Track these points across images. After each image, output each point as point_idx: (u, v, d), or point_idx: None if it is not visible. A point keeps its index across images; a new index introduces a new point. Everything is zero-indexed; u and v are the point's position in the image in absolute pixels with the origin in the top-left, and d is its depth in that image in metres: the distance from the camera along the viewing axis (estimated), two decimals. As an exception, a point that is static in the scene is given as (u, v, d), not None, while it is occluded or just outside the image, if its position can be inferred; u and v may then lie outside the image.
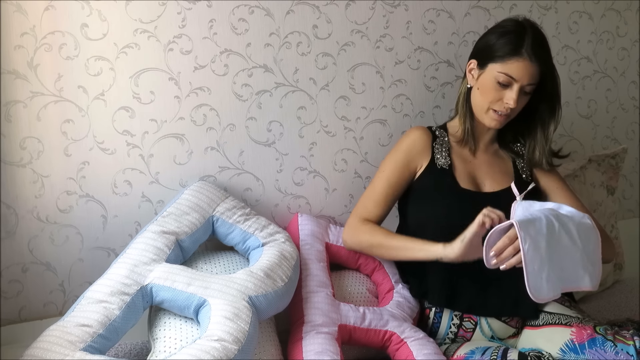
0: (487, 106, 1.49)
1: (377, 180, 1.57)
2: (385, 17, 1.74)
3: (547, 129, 1.55)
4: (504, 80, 1.44)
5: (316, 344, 1.37)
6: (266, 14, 1.61)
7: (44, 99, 1.44)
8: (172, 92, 1.54)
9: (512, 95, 1.44)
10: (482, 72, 1.49)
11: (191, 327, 1.32)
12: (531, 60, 1.43)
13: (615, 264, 1.97)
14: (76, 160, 1.48)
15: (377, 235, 1.52)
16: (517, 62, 1.43)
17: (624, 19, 2.11)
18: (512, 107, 1.45)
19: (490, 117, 1.50)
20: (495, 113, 1.48)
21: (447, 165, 1.55)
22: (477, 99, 1.51)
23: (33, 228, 1.46)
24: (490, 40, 1.49)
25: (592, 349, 1.35)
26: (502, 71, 1.44)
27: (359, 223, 1.55)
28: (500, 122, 1.50)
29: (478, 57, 1.51)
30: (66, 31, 1.44)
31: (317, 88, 1.68)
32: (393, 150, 1.59)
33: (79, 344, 1.18)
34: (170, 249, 1.38)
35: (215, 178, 1.60)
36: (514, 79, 1.44)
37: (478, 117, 1.53)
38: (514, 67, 1.43)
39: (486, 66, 1.48)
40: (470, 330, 1.52)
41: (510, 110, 1.47)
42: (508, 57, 1.44)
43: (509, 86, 1.45)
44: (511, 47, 1.44)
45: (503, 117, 1.49)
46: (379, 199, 1.55)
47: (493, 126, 1.51)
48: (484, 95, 1.49)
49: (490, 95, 1.47)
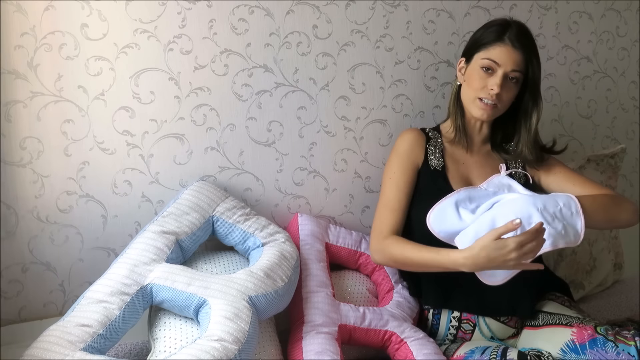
0: (473, 95, 1.50)
1: (387, 189, 1.55)
2: (385, 17, 1.74)
3: (529, 120, 1.55)
4: (487, 64, 1.47)
5: (316, 344, 1.37)
6: (266, 14, 1.61)
7: (44, 99, 1.44)
8: (172, 92, 1.54)
9: (495, 81, 1.46)
10: (469, 65, 1.53)
11: (191, 327, 1.32)
12: (514, 45, 1.46)
13: (615, 264, 1.97)
14: (76, 160, 1.48)
15: (400, 252, 1.45)
16: (499, 47, 1.47)
17: (624, 19, 2.11)
18: (496, 92, 1.46)
19: (477, 106, 1.50)
20: (482, 102, 1.49)
21: (440, 166, 1.55)
22: (465, 92, 1.54)
23: (33, 228, 1.46)
24: (476, 35, 1.55)
25: (593, 349, 1.35)
26: (485, 57, 1.48)
27: (383, 240, 1.49)
28: (487, 112, 1.50)
29: (466, 54, 1.56)
30: (66, 31, 1.44)
31: (317, 88, 1.68)
32: (393, 155, 1.58)
33: (79, 344, 1.18)
34: (170, 249, 1.38)
35: (215, 178, 1.60)
36: (496, 63, 1.47)
37: (467, 109, 1.55)
38: (497, 52, 1.47)
39: (472, 58, 1.52)
40: (469, 332, 1.52)
41: (496, 98, 1.47)
42: (491, 43, 1.48)
43: (494, 72, 1.47)
44: (495, 35, 1.49)
45: (490, 106, 1.49)
46: (394, 207, 1.52)
47: (480, 116, 1.51)
48: (470, 85, 1.51)
49: (476, 83, 1.49)
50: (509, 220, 1.30)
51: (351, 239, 1.67)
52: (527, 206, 1.38)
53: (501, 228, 1.28)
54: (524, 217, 1.35)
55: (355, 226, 1.75)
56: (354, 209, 1.76)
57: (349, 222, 1.75)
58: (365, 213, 1.76)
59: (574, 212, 1.41)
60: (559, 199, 1.43)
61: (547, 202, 1.41)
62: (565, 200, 1.43)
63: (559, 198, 1.44)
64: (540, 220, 1.32)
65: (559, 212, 1.40)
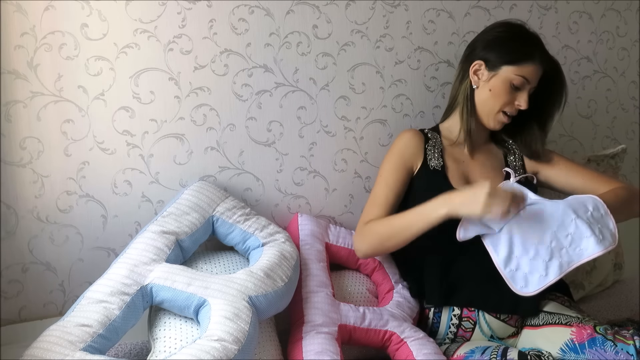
0: (498, 108, 1.52)
1: (377, 185, 1.57)
2: (385, 17, 1.74)
3: (549, 124, 1.61)
4: (518, 82, 1.49)
5: (316, 344, 1.37)
6: (266, 14, 1.61)
7: (44, 99, 1.44)
8: (172, 92, 1.54)
9: (524, 97, 1.51)
10: (495, 75, 1.52)
11: (191, 327, 1.32)
12: (542, 63, 1.51)
13: (615, 264, 1.97)
14: (76, 160, 1.48)
15: (381, 225, 1.48)
16: (532, 66, 1.50)
17: (624, 19, 2.11)
18: (523, 108, 1.51)
19: (497, 119, 1.54)
20: (505, 115, 1.53)
21: (440, 166, 1.56)
22: (488, 102, 1.53)
23: (33, 228, 1.46)
24: (500, 42, 1.53)
25: (592, 348, 1.35)
26: (518, 74, 1.49)
27: (363, 226, 1.51)
28: (504, 124, 1.55)
29: (488, 61, 1.53)
30: (66, 31, 1.44)
31: (317, 88, 1.68)
32: (388, 154, 1.59)
33: (79, 344, 1.18)
34: (170, 249, 1.38)
35: (215, 178, 1.60)
36: (528, 81, 1.50)
37: (483, 118, 1.56)
38: (529, 70, 1.49)
39: (499, 68, 1.51)
40: (469, 330, 1.52)
41: (517, 112, 1.53)
42: (524, 60, 1.49)
43: (521, 89, 1.50)
44: (527, 51, 1.50)
45: (509, 118, 1.54)
46: (380, 202, 1.54)
47: (497, 128, 1.56)
48: (496, 97, 1.52)
49: (504, 98, 1.51)
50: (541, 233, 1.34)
51: (351, 239, 1.67)
52: (561, 216, 1.37)
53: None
54: (560, 227, 1.36)
55: (355, 226, 1.75)
56: (354, 209, 1.76)
57: (349, 222, 1.75)
58: (365, 213, 1.76)
59: (603, 213, 1.41)
60: (587, 203, 1.41)
61: (578, 209, 1.39)
62: (592, 203, 1.41)
63: (586, 202, 1.41)
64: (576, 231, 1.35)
65: (591, 217, 1.39)
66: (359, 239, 1.52)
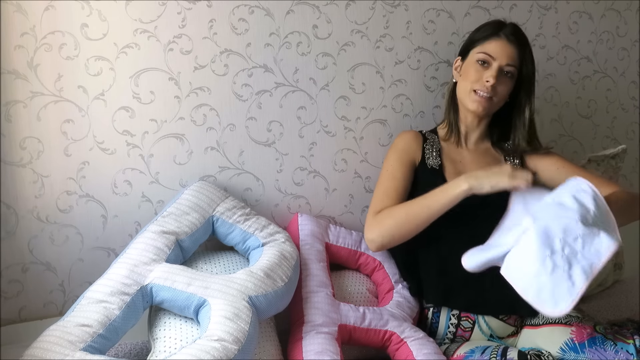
0: (469, 87, 1.54)
1: (384, 179, 1.56)
2: (385, 17, 1.74)
3: (522, 115, 1.59)
4: (483, 57, 1.53)
5: (316, 344, 1.37)
6: (266, 14, 1.61)
7: (44, 99, 1.44)
8: (172, 92, 1.54)
9: (491, 73, 1.51)
10: (465, 61, 1.58)
11: (191, 327, 1.32)
12: (509, 40, 1.52)
13: (615, 264, 1.97)
14: (76, 160, 1.48)
15: (397, 210, 1.47)
16: (495, 41, 1.52)
17: (624, 19, 2.11)
18: (491, 83, 1.50)
19: (472, 99, 1.54)
20: (477, 94, 1.53)
21: (437, 165, 1.57)
22: (461, 86, 1.57)
23: (33, 228, 1.46)
24: (471, 35, 1.60)
25: (592, 348, 1.35)
26: (481, 51, 1.53)
27: (376, 215, 1.50)
28: (482, 104, 1.53)
29: (462, 53, 1.61)
30: (66, 31, 1.44)
31: (317, 88, 1.68)
32: (391, 151, 1.60)
33: (79, 344, 1.18)
34: (170, 249, 1.38)
35: (215, 178, 1.60)
36: (492, 56, 1.52)
37: (463, 103, 1.58)
38: (492, 46, 1.52)
39: (468, 54, 1.57)
40: (468, 330, 1.52)
41: (491, 90, 1.51)
42: (487, 38, 1.54)
43: (489, 65, 1.52)
44: (490, 30, 1.55)
45: (484, 99, 1.52)
46: (390, 193, 1.53)
47: (476, 109, 1.54)
48: (465, 78, 1.55)
49: (471, 76, 1.53)
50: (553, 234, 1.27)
51: (351, 239, 1.67)
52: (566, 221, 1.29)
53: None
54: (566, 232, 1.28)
55: (355, 226, 1.75)
56: (354, 209, 1.76)
57: (349, 222, 1.76)
58: (365, 213, 1.76)
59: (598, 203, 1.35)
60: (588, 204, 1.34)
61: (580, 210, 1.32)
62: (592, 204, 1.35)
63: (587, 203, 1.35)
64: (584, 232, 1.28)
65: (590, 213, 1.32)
66: (372, 229, 1.49)
